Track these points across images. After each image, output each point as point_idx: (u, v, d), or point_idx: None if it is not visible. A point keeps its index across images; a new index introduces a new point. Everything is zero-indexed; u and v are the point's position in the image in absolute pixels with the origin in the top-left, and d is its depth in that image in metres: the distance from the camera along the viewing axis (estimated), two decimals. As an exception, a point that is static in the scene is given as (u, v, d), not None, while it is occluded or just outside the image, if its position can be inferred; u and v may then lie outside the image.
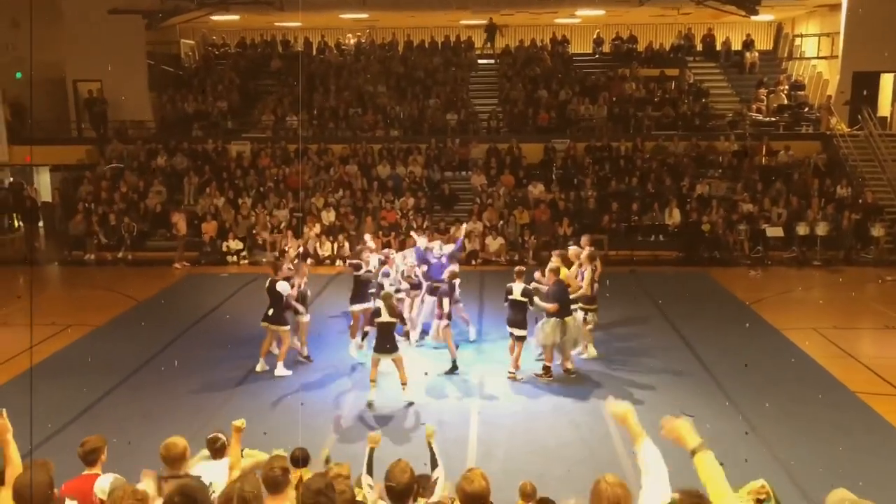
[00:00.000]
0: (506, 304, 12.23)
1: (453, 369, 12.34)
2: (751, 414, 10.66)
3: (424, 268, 13.86)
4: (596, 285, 12.98)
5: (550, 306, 11.81)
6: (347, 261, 12.79)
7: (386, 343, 11.07)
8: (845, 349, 13.52)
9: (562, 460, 9.39)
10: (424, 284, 13.72)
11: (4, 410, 4.81)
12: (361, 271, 12.85)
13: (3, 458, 4.80)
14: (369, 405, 11.13)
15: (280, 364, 12.38)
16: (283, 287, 12.17)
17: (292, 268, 13.10)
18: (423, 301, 13.78)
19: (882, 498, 8.30)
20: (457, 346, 12.70)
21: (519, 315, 12.02)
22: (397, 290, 13.52)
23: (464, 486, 4.51)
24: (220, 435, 6.44)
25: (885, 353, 13.69)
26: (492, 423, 10.52)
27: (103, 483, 5.37)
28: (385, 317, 11.06)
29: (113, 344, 14.06)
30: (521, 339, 12.11)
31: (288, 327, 12.44)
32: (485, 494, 4.52)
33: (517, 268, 12.65)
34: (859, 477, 8.70)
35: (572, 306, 12.35)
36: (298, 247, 19.10)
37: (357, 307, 12.93)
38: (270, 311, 12.27)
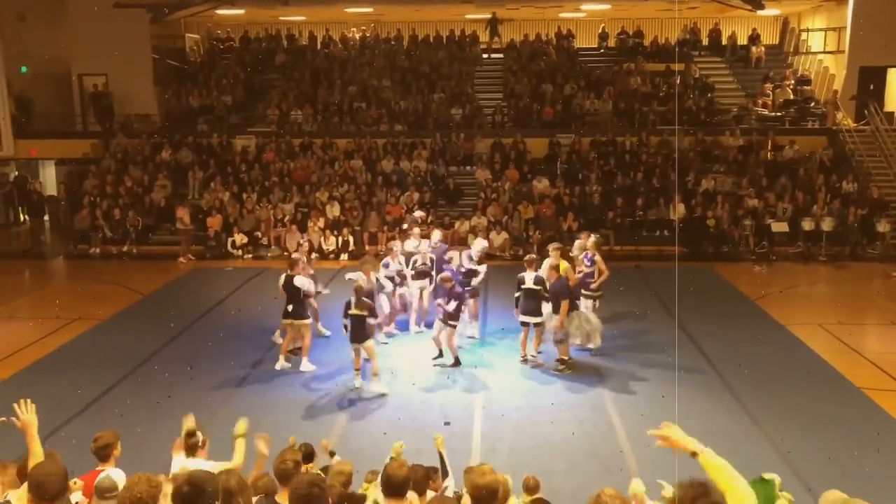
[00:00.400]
0: (517, 294, 12.35)
1: (456, 363, 12.40)
2: (755, 409, 10.66)
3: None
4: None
5: (563, 310, 12.03)
6: (347, 275, 12.93)
7: (359, 333, 11.45)
8: (850, 345, 13.49)
9: (566, 454, 9.41)
10: (434, 275, 13.71)
11: (34, 406, 4.84)
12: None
13: (28, 451, 4.82)
14: (354, 389, 11.53)
15: (305, 359, 12.41)
16: (300, 282, 12.21)
17: (307, 263, 13.22)
18: (433, 294, 13.76)
19: (887, 493, 8.33)
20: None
21: (534, 303, 12.23)
22: (392, 281, 13.60)
23: (475, 480, 4.52)
24: (199, 434, 6.26)
25: (891, 349, 13.65)
26: (496, 418, 10.53)
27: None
28: (355, 309, 11.38)
29: (118, 337, 14.08)
30: (538, 325, 12.35)
31: (309, 321, 12.51)
32: (495, 488, 4.53)
33: (528, 256, 12.84)
34: (864, 472, 8.72)
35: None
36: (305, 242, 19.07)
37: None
38: (290, 307, 12.27)
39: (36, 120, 25.86)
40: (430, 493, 5.76)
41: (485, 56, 29.47)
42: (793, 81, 26.51)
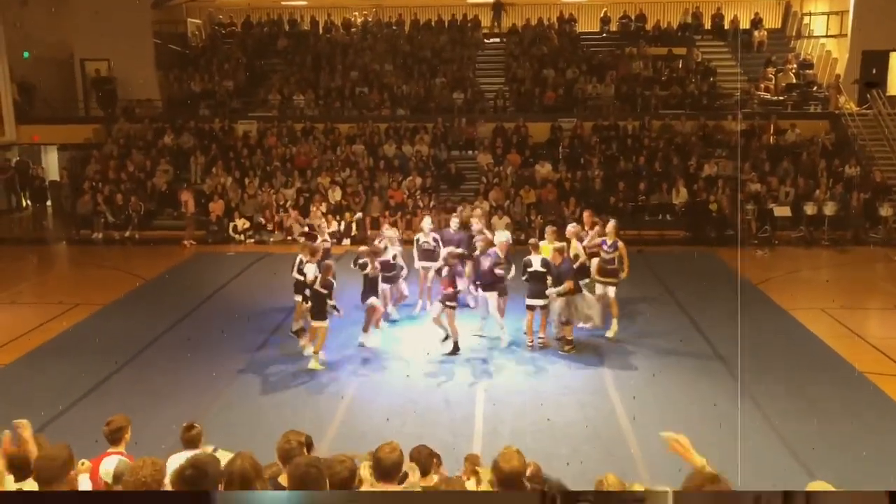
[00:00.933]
0: (524, 278, 12.41)
1: (455, 350, 12.33)
2: (757, 393, 10.67)
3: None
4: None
5: (566, 286, 12.07)
6: (358, 260, 12.95)
7: (315, 310, 11.73)
8: (853, 329, 13.49)
9: (568, 439, 9.43)
10: (442, 255, 13.69)
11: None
12: (368, 269, 12.78)
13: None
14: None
15: (305, 343, 12.45)
16: (308, 269, 12.22)
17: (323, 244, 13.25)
18: (436, 274, 13.73)
19: (888, 478, 8.35)
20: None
21: (540, 286, 12.30)
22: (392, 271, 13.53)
23: (501, 465, 4.49)
24: (197, 424, 6.08)
25: (893, 334, 13.66)
26: (498, 402, 10.55)
27: (108, 465, 5.37)
28: (318, 286, 11.61)
29: (120, 322, 14.10)
30: (545, 307, 12.42)
31: (309, 305, 12.48)
32: (521, 473, 4.52)
33: (532, 240, 12.92)
34: (866, 456, 8.74)
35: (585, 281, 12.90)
36: (304, 226, 19.10)
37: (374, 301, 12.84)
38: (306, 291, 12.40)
39: (38, 105, 25.86)
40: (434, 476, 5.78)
41: (486, 40, 29.37)
42: (795, 65, 26.40)
